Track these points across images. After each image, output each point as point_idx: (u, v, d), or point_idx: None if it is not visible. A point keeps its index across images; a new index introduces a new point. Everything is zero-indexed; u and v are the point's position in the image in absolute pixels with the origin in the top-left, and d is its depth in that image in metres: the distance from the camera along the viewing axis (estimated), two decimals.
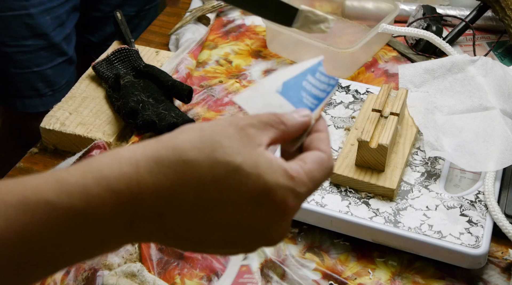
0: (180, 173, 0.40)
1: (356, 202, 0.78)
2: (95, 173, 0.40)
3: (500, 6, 1.06)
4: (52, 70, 1.26)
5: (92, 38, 1.43)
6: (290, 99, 0.48)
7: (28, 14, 1.18)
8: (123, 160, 0.41)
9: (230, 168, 0.41)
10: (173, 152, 0.41)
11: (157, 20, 1.23)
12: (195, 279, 0.75)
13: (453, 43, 1.10)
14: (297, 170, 0.43)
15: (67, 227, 0.39)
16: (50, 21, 1.21)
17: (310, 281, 0.74)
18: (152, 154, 0.41)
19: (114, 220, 0.40)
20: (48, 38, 1.22)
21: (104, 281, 0.73)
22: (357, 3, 1.16)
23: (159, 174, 0.40)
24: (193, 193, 0.41)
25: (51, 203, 0.39)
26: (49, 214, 0.39)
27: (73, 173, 0.40)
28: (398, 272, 0.75)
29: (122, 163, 0.40)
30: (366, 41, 1.01)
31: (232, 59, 1.10)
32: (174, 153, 0.41)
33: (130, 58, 1.01)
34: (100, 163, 0.41)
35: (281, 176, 0.42)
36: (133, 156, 0.41)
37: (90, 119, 0.94)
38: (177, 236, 0.43)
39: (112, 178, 0.40)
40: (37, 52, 1.23)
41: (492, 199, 0.77)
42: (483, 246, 0.73)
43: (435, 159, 0.84)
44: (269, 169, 0.42)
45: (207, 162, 0.41)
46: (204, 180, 0.41)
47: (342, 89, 0.96)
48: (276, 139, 0.45)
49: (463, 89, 0.92)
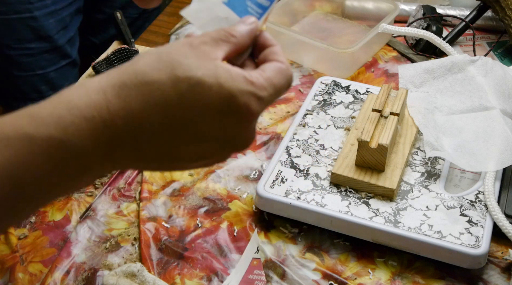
0: (146, 95, 0.42)
1: (356, 202, 0.78)
2: (66, 104, 0.42)
3: (500, 6, 1.06)
4: (56, 72, 1.26)
5: (95, 40, 1.43)
6: (235, 9, 0.50)
7: (32, 17, 1.18)
8: (90, 90, 0.42)
9: (192, 82, 0.43)
10: (136, 76, 0.43)
11: (157, 20, 1.23)
12: (195, 279, 0.75)
13: (453, 43, 1.10)
14: (256, 76, 0.45)
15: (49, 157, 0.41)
16: (54, 24, 1.21)
17: (310, 281, 0.74)
18: (116, 80, 0.43)
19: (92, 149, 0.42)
20: (52, 41, 1.22)
21: (104, 281, 0.73)
22: (357, 3, 1.16)
23: (126, 97, 0.42)
24: (161, 112, 0.42)
25: (29, 135, 0.40)
26: (30, 146, 0.40)
27: (45, 105, 0.42)
28: (398, 272, 0.75)
29: (89, 92, 0.42)
30: (366, 41, 1.01)
31: None
32: (136, 77, 0.43)
33: (130, 58, 1.01)
34: (69, 95, 0.42)
35: (241, 83, 0.44)
36: (98, 85, 0.43)
37: None
38: (153, 158, 0.45)
39: (83, 106, 0.41)
40: (41, 54, 1.23)
41: (492, 199, 0.77)
42: (483, 246, 0.73)
43: (435, 159, 0.84)
44: (229, 78, 0.43)
45: (169, 81, 0.43)
46: (168, 97, 0.42)
47: (342, 89, 0.96)
48: (230, 52, 0.47)
49: (463, 89, 0.92)
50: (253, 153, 0.91)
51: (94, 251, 0.79)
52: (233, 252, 0.78)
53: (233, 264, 0.76)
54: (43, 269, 0.77)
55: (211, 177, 0.87)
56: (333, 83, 0.97)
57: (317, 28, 1.15)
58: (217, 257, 0.77)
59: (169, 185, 0.87)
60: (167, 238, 0.79)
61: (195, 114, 0.43)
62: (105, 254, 0.78)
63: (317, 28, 1.14)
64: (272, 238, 0.79)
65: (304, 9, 1.17)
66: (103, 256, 0.78)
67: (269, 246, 0.78)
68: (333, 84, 0.97)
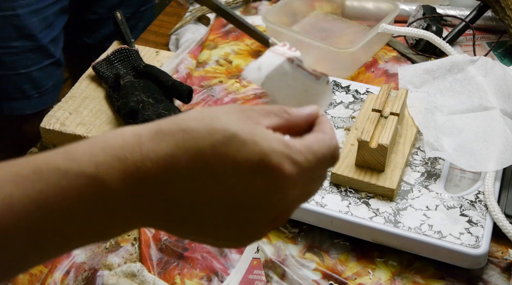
0: (179, 140, 0.42)
1: (356, 202, 0.78)
2: (102, 144, 0.42)
3: (500, 6, 1.06)
4: (39, 72, 1.25)
5: (88, 40, 1.42)
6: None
7: (15, 14, 1.17)
8: (126, 133, 0.43)
9: (227, 134, 0.42)
10: (173, 123, 0.43)
11: (157, 20, 1.23)
12: (195, 279, 0.75)
13: (453, 43, 1.10)
14: (294, 142, 0.43)
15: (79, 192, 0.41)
16: (37, 23, 1.20)
17: (310, 281, 0.74)
18: (154, 126, 0.43)
19: (121, 191, 0.41)
20: (35, 40, 1.21)
21: (104, 281, 0.73)
22: (357, 3, 1.16)
23: (160, 141, 0.42)
24: (192, 158, 0.42)
25: (61, 169, 0.41)
26: (60, 180, 0.40)
27: (81, 144, 0.43)
28: (398, 272, 0.75)
29: (125, 135, 0.43)
30: (366, 41, 1.01)
31: (232, 59, 1.10)
32: (174, 124, 0.43)
33: (130, 58, 1.01)
34: (106, 136, 0.43)
35: (277, 143, 0.42)
36: (136, 129, 0.43)
37: (90, 119, 0.94)
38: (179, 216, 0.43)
39: (117, 147, 0.42)
40: (24, 53, 1.22)
41: (492, 199, 0.77)
42: (483, 246, 0.73)
43: (435, 159, 0.84)
44: (265, 137, 0.42)
45: (205, 131, 0.42)
46: (201, 145, 0.42)
47: (342, 89, 0.96)
48: (278, 126, 0.45)
49: (463, 89, 0.92)
50: None
51: (94, 251, 0.79)
52: (233, 252, 0.78)
53: (233, 264, 0.76)
54: (43, 269, 0.77)
55: None
56: (333, 83, 0.97)
57: (317, 28, 1.15)
58: (217, 257, 0.77)
59: None
60: (167, 238, 0.79)
61: (225, 168, 0.42)
62: (105, 254, 0.78)
63: (317, 28, 1.14)
64: (272, 238, 0.79)
65: (304, 9, 1.17)
66: (103, 256, 0.78)
67: (269, 246, 0.78)
68: (333, 84, 0.97)
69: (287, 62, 0.50)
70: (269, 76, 0.49)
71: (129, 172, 0.41)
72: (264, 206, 0.43)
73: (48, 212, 0.40)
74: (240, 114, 0.44)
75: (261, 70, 0.49)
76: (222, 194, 0.42)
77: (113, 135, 0.43)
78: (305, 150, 0.43)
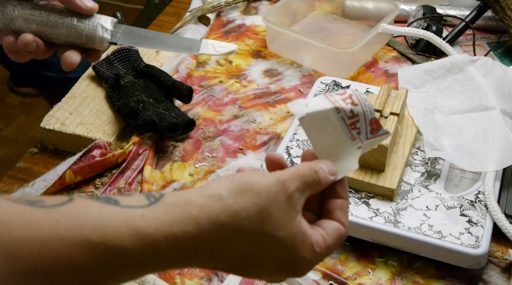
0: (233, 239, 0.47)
1: (356, 202, 0.78)
2: (167, 228, 0.45)
3: (500, 6, 1.06)
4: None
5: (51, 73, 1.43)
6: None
7: None
8: (190, 220, 0.46)
9: (275, 239, 0.49)
10: (232, 221, 0.47)
11: (157, 20, 1.23)
12: (195, 279, 0.75)
13: (453, 43, 1.10)
14: (320, 246, 0.51)
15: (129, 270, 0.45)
16: None
17: (310, 281, 0.74)
18: (215, 218, 0.46)
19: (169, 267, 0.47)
20: None
21: None
22: (357, 3, 1.16)
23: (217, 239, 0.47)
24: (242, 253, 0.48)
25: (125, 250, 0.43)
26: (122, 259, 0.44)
27: (149, 223, 0.45)
28: (398, 272, 0.75)
29: (188, 223, 0.46)
30: (366, 41, 1.01)
31: (232, 59, 1.10)
32: (232, 222, 0.47)
33: (130, 58, 1.01)
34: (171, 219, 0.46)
35: (308, 252, 0.50)
36: (198, 217, 0.46)
37: (90, 119, 0.94)
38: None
39: (180, 238, 0.45)
40: None
41: (492, 199, 0.77)
42: (483, 246, 0.73)
43: (435, 159, 0.84)
44: (301, 245, 0.50)
45: (256, 234, 0.48)
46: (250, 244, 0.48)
47: (342, 89, 0.96)
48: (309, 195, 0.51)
49: (463, 89, 0.92)
50: (253, 153, 0.91)
51: None
52: None
53: None
54: None
55: (211, 177, 0.87)
56: (333, 83, 0.97)
57: (317, 28, 1.15)
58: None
59: (169, 185, 0.87)
60: None
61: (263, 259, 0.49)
62: None
63: (317, 28, 1.14)
64: None
65: (304, 9, 1.17)
66: None
67: None
68: (333, 84, 0.97)
69: (333, 111, 0.52)
70: (311, 114, 0.51)
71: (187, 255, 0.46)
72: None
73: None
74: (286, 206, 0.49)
75: (307, 107, 0.51)
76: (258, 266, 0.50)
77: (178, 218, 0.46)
78: (325, 253, 0.52)
